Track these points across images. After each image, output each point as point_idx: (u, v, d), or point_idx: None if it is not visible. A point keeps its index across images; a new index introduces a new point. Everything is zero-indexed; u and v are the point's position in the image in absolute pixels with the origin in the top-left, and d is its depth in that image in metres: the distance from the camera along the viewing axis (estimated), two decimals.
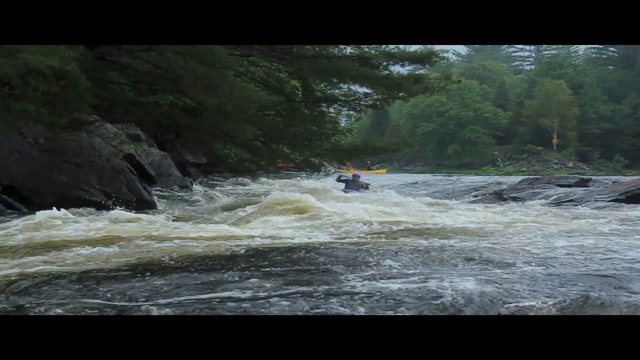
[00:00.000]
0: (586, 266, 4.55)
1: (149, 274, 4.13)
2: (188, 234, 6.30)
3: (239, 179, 20.27)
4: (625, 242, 6.07)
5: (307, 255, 5.05)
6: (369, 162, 48.23)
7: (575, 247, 5.63)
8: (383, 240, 6.17)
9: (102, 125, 11.73)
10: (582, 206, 11.14)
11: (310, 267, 4.45)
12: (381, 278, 3.95)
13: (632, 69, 72.36)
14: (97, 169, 10.22)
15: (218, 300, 3.32)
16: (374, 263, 4.59)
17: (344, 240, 6.10)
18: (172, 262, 4.62)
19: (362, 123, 47.60)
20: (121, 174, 10.45)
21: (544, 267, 4.48)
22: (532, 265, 4.54)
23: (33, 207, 9.21)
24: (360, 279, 3.86)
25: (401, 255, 5.06)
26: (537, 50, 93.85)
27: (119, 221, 7.27)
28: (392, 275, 4.09)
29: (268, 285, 3.70)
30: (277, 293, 3.43)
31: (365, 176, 29.32)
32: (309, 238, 6.19)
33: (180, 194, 13.15)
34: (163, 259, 4.76)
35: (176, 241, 5.67)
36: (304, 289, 3.56)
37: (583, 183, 15.86)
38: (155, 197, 11.15)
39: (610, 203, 11.27)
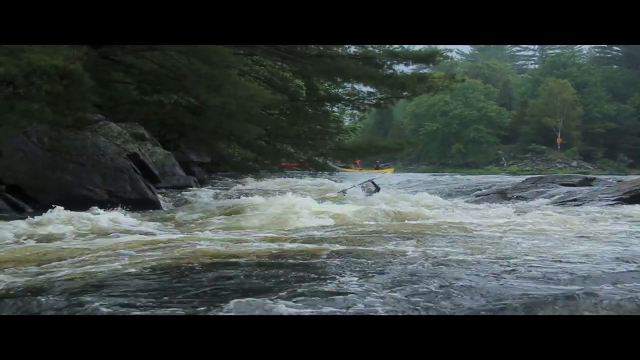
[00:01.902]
0: (591, 266, 4.54)
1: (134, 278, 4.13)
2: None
3: (263, 176, 20.21)
4: (628, 242, 6.06)
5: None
6: (377, 161, 48.59)
7: (579, 246, 5.62)
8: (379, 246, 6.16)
9: (106, 125, 11.76)
10: (586, 205, 11.12)
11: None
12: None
13: (636, 69, 72.22)
14: (101, 168, 10.24)
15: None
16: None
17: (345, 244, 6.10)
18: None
19: (365, 122, 47.54)
20: (125, 173, 10.47)
21: (546, 267, 4.47)
22: (534, 265, 4.53)
23: (37, 206, 9.24)
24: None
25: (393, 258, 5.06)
26: (541, 50, 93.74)
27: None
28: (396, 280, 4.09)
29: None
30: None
31: (374, 175, 29.36)
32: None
33: (184, 193, 13.17)
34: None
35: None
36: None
37: (587, 182, 15.84)
38: (159, 196, 11.17)
39: (614, 202, 11.25)
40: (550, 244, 5.82)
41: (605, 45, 78.03)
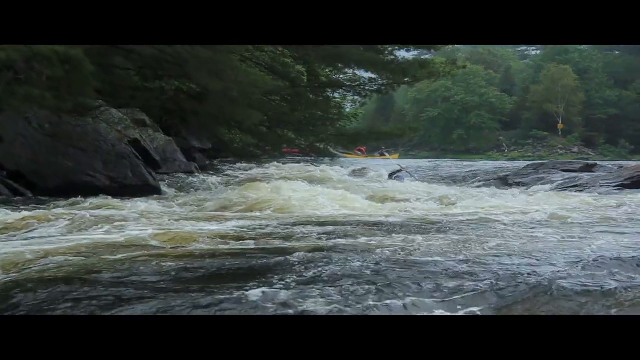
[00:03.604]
0: (595, 260, 4.52)
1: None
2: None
3: (264, 162, 20.15)
4: (631, 230, 6.05)
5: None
6: (383, 147, 48.75)
7: (582, 238, 5.61)
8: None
9: (107, 110, 11.77)
10: (587, 191, 11.11)
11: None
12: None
13: (639, 55, 71.97)
14: (102, 153, 10.24)
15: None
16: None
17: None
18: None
19: (367, 108, 47.59)
20: (126, 159, 10.46)
21: (548, 262, 4.46)
22: (533, 259, 4.52)
23: (38, 192, 9.25)
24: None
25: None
26: None
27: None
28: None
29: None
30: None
31: (377, 162, 29.44)
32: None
33: (185, 179, 13.16)
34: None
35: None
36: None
37: (588, 168, 15.85)
38: (160, 182, 11.16)
39: (615, 188, 11.25)
40: (551, 231, 5.82)
41: None
